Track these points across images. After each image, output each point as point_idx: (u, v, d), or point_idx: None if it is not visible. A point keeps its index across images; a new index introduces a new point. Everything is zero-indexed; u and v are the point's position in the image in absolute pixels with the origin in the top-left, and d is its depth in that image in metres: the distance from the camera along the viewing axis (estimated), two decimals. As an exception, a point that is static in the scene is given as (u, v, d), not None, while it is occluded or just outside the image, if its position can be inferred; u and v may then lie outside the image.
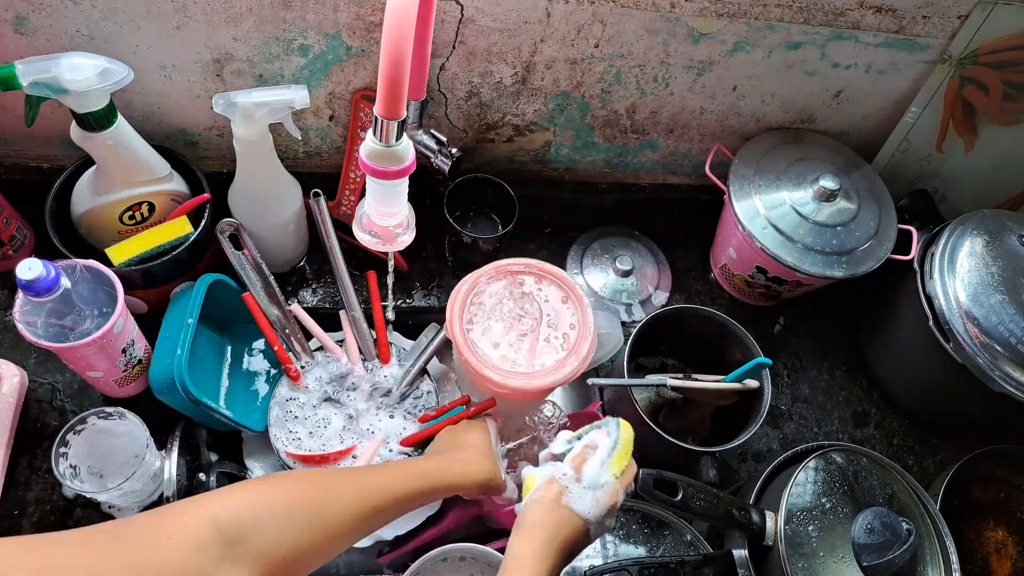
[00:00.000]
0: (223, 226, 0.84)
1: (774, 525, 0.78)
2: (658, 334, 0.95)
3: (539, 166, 1.08)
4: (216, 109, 0.75)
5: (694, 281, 1.14)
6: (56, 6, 0.75)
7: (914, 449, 1.06)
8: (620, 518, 0.85)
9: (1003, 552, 0.96)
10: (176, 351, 0.76)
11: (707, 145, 1.07)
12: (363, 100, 0.88)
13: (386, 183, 0.71)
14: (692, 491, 0.75)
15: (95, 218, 0.83)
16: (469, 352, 0.78)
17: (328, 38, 0.82)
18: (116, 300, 0.73)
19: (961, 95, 1.01)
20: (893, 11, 0.90)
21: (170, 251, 0.82)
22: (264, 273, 0.87)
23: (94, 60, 0.71)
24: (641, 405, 0.87)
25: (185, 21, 0.78)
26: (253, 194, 0.86)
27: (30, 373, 0.85)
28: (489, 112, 0.96)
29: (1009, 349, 0.85)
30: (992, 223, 0.94)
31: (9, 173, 0.92)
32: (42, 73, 0.68)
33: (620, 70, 0.92)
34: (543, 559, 0.59)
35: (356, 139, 0.91)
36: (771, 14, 0.87)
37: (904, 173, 1.11)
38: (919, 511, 0.82)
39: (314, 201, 0.87)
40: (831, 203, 0.97)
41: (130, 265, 0.80)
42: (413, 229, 0.80)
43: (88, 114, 0.73)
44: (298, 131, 0.81)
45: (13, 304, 0.69)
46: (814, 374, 1.10)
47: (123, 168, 0.80)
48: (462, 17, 0.82)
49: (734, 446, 0.86)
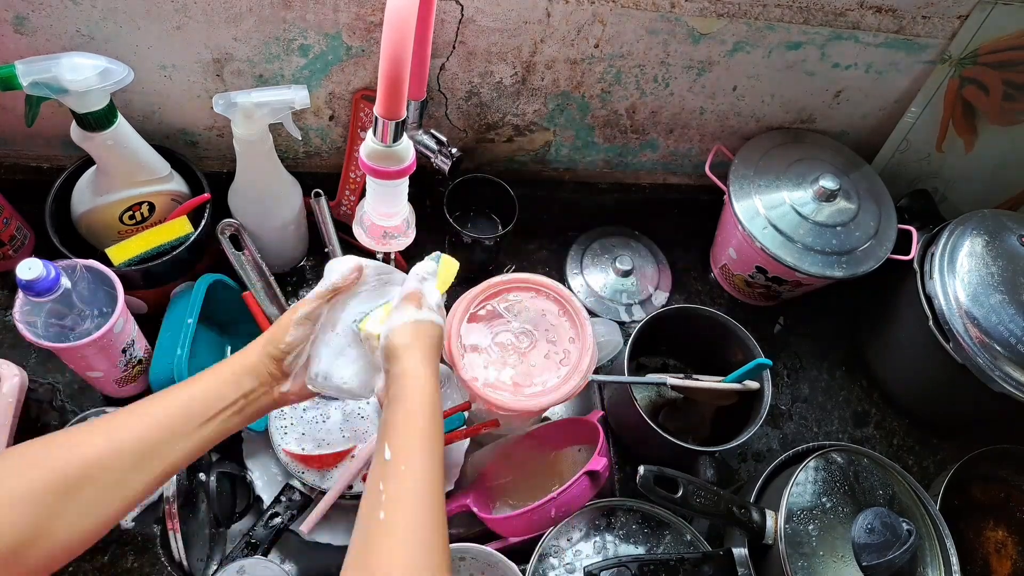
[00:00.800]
0: (223, 227, 0.84)
1: (774, 524, 0.78)
2: (658, 334, 0.95)
3: (539, 166, 1.08)
4: (216, 109, 0.75)
5: (694, 281, 1.14)
6: (56, 6, 0.75)
7: (914, 449, 1.06)
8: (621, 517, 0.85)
9: (1003, 552, 0.96)
10: (176, 351, 0.76)
11: (707, 145, 1.07)
12: (363, 100, 0.88)
13: (386, 183, 0.71)
14: (693, 488, 0.75)
15: (95, 218, 0.83)
16: (471, 377, 0.77)
17: (328, 38, 0.82)
18: (116, 300, 0.73)
19: (961, 95, 1.01)
20: (893, 11, 0.90)
21: (170, 251, 0.82)
22: (264, 273, 0.87)
23: (94, 60, 0.71)
24: (641, 405, 0.87)
25: (185, 21, 0.78)
26: (253, 194, 0.86)
27: (30, 373, 0.85)
28: (489, 112, 0.96)
29: (1009, 349, 0.85)
30: (992, 223, 0.94)
31: (9, 173, 0.92)
32: (42, 73, 0.68)
33: (620, 70, 0.93)
34: (435, 371, 0.61)
35: (356, 139, 0.91)
36: (771, 14, 0.87)
37: (904, 173, 1.11)
38: (919, 511, 0.82)
39: (315, 201, 0.87)
40: (831, 203, 0.97)
41: (130, 265, 0.80)
42: (413, 229, 0.80)
43: (88, 114, 0.73)
44: (298, 131, 0.81)
45: (13, 304, 0.69)
46: (814, 374, 1.10)
47: (123, 168, 0.80)
48: (462, 17, 0.82)
49: (734, 446, 0.86)
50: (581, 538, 0.83)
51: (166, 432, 0.54)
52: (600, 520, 0.84)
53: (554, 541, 0.82)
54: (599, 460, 0.78)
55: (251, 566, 0.74)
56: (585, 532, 0.84)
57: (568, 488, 0.77)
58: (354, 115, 0.90)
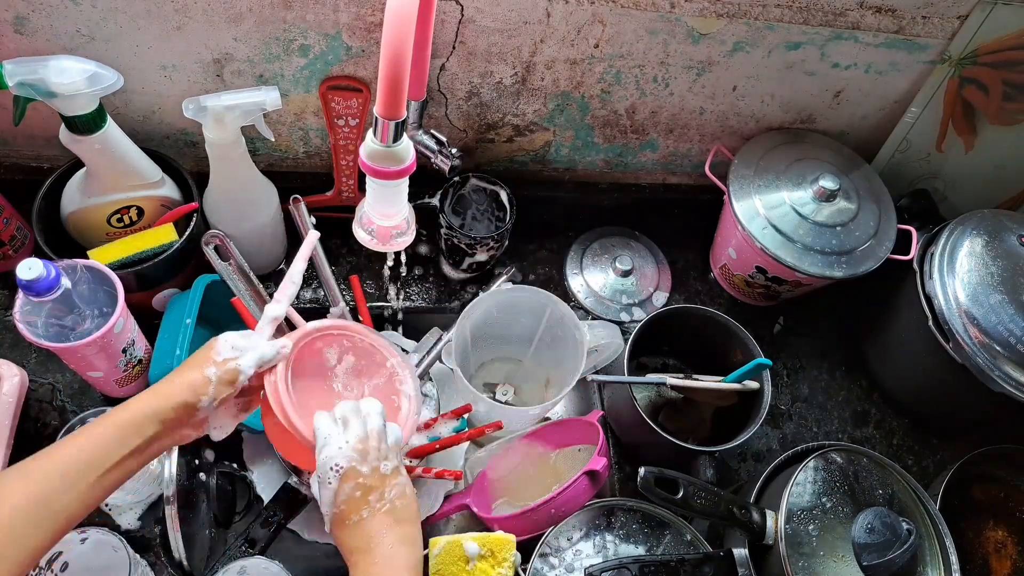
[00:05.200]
0: (208, 238, 0.83)
1: (774, 524, 0.78)
2: (658, 334, 0.95)
3: (539, 166, 1.08)
4: (187, 114, 0.74)
5: (694, 281, 1.14)
6: (56, 6, 0.75)
7: (914, 449, 1.06)
8: (621, 517, 0.85)
9: (1003, 552, 0.96)
10: (175, 351, 0.76)
11: (707, 145, 1.07)
12: (330, 91, 0.87)
13: (386, 183, 0.71)
14: (693, 489, 0.75)
15: (83, 219, 0.83)
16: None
17: (328, 38, 0.82)
18: (116, 300, 0.73)
19: (961, 95, 1.01)
20: (893, 11, 0.90)
21: (153, 257, 0.81)
22: (252, 282, 0.85)
23: (83, 64, 0.70)
24: (641, 405, 0.88)
25: (185, 21, 0.78)
26: (228, 198, 0.86)
27: (30, 373, 0.85)
28: (489, 112, 0.96)
29: (1009, 349, 0.85)
30: (992, 223, 0.94)
31: (9, 173, 0.92)
32: (29, 75, 0.68)
33: (620, 70, 0.93)
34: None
35: (335, 128, 0.90)
36: (771, 14, 0.87)
37: (904, 173, 1.11)
38: (919, 511, 0.82)
39: (293, 207, 0.86)
40: (831, 203, 0.97)
41: (112, 269, 0.79)
42: (413, 229, 0.80)
43: (76, 117, 0.73)
44: (271, 133, 0.81)
45: (13, 304, 0.69)
46: (814, 374, 1.10)
47: (112, 172, 0.80)
48: (462, 17, 0.82)
49: (734, 446, 0.86)
50: (581, 538, 0.83)
51: (60, 488, 0.53)
52: (600, 520, 0.84)
53: (554, 541, 0.82)
54: (599, 460, 0.78)
55: (251, 566, 0.74)
56: (585, 532, 0.84)
57: (568, 488, 0.77)
58: (325, 107, 0.89)
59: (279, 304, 0.68)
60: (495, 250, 0.99)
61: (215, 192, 0.85)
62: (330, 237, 1.01)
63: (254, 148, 0.96)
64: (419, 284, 1.04)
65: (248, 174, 0.86)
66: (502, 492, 0.89)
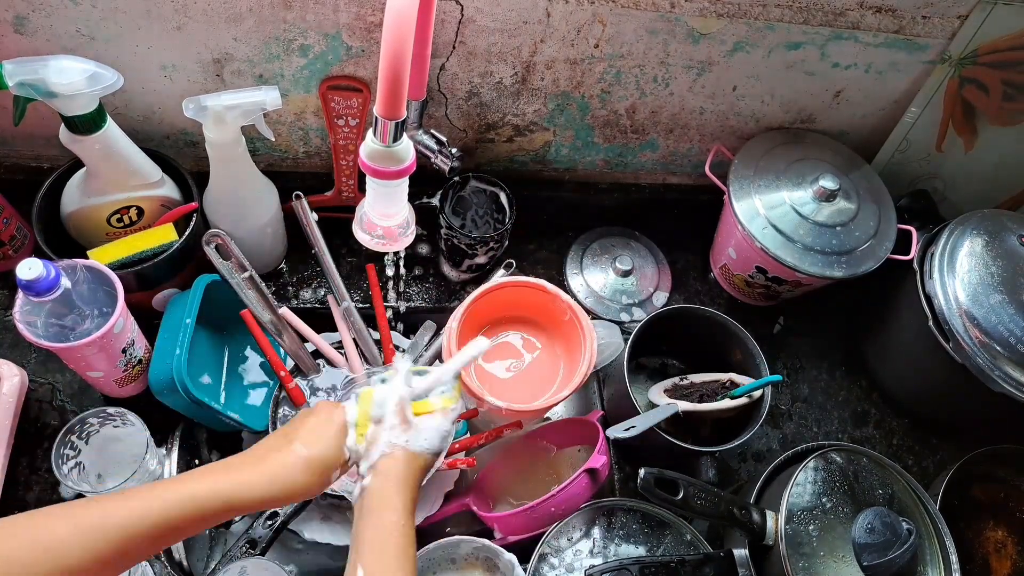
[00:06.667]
0: (209, 237, 0.83)
1: (775, 524, 0.78)
2: (658, 334, 0.95)
3: (539, 166, 1.08)
4: (187, 114, 0.74)
5: (694, 281, 1.14)
6: (56, 6, 0.75)
7: (914, 449, 1.06)
8: (621, 517, 0.85)
9: (1003, 552, 0.96)
10: (175, 351, 0.76)
11: (707, 145, 1.07)
12: (330, 91, 0.87)
13: (386, 183, 0.71)
14: (693, 490, 0.75)
15: (83, 218, 0.83)
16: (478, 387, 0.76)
17: (328, 38, 0.82)
18: (116, 300, 0.73)
19: (961, 95, 1.01)
20: (893, 11, 0.90)
21: (153, 257, 0.81)
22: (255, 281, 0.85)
23: (83, 64, 0.70)
24: (641, 405, 0.88)
25: (185, 21, 0.78)
26: (228, 198, 0.86)
27: (30, 373, 0.85)
28: (489, 112, 0.96)
29: (1009, 349, 0.85)
30: (992, 223, 0.94)
31: (9, 173, 0.92)
32: (29, 75, 0.68)
33: (620, 70, 0.93)
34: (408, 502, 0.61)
35: (335, 128, 0.90)
36: (771, 14, 0.87)
37: (904, 173, 1.11)
38: (919, 511, 0.82)
39: (296, 204, 0.86)
40: (831, 203, 0.97)
41: (111, 268, 0.79)
42: (413, 229, 0.80)
43: (75, 117, 0.73)
44: (271, 133, 0.81)
45: (13, 304, 0.69)
46: (814, 374, 1.10)
47: (112, 172, 0.80)
48: (462, 17, 0.82)
49: (734, 446, 0.86)
50: (581, 538, 0.83)
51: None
52: (600, 520, 0.84)
53: (554, 541, 0.82)
54: (599, 458, 0.78)
55: (251, 566, 0.74)
56: (585, 532, 0.84)
57: (568, 486, 0.77)
58: (325, 107, 0.89)
59: None
60: (495, 251, 0.99)
61: (215, 192, 0.85)
62: (330, 237, 1.01)
63: (254, 148, 0.96)
64: (419, 284, 1.04)
65: (248, 174, 0.86)
66: (502, 491, 0.89)
